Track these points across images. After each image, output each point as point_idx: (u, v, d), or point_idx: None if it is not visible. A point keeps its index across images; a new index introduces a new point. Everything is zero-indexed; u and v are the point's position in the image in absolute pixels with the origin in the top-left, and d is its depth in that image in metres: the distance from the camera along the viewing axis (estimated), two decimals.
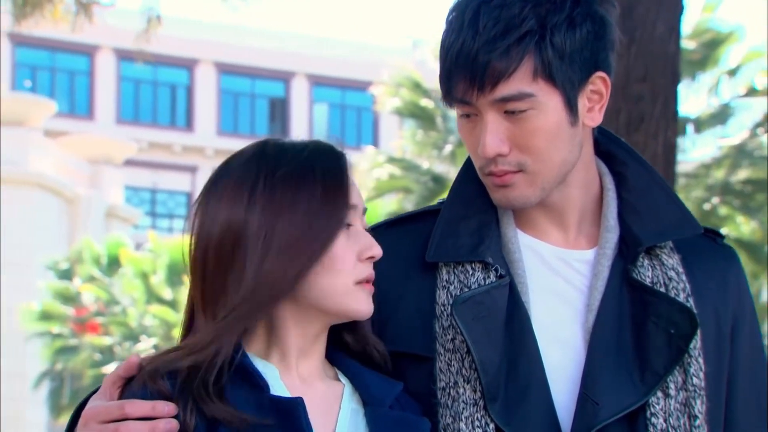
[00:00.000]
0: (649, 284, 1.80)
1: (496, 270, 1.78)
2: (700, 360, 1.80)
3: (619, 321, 1.79)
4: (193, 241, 1.67)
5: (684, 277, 1.83)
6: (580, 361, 1.78)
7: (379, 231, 1.86)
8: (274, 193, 1.64)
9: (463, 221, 1.82)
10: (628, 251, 1.82)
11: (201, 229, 1.66)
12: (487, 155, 1.74)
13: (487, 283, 1.77)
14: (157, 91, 32.79)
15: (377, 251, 1.71)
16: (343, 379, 1.74)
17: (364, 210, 1.71)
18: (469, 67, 1.71)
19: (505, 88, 1.71)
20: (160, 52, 31.61)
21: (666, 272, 1.82)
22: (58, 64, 32.15)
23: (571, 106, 1.75)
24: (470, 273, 1.78)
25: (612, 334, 1.78)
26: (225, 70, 33.18)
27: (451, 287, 1.79)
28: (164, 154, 32.74)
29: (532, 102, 1.72)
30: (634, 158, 1.88)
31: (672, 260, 1.84)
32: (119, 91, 32.27)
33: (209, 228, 1.65)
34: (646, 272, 1.81)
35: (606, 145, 1.90)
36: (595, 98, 1.78)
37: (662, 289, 1.80)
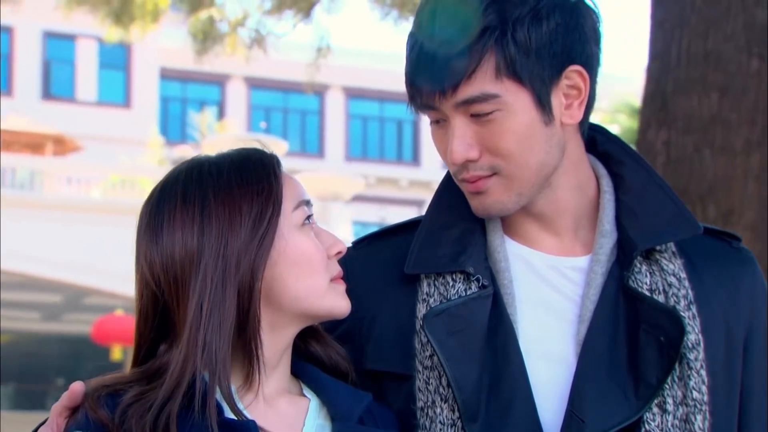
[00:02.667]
0: (646, 291, 1.67)
1: (478, 280, 1.67)
2: (703, 372, 1.65)
3: (613, 332, 1.66)
4: (144, 271, 1.61)
5: (686, 283, 1.69)
6: (571, 376, 1.65)
7: (362, 245, 1.80)
8: (224, 211, 1.58)
9: (445, 230, 1.72)
10: (624, 257, 1.69)
11: (152, 257, 1.60)
12: (455, 162, 1.64)
13: (467, 294, 1.67)
14: (384, 127, 33.20)
15: (342, 246, 1.66)
16: (309, 394, 1.66)
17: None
18: (429, 69, 1.61)
19: (468, 90, 1.60)
20: (387, 88, 32.22)
21: (666, 278, 1.68)
22: (290, 105, 33.01)
23: (543, 105, 1.62)
24: (450, 284, 1.68)
25: (605, 346, 1.65)
26: None
27: (431, 300, 1.68)
28: (391, 189, 33.04)
29: (497, 103, 1.60)
30: (631, 157, 1.75)
31: (673, 265, 1.70)
32: (347, 129, 32.86)
33: (163, 255, 1.59)
34: (643, 279, 1.68)
35: (603, 145, 1.77)
36: (573, 93, 1.65)
37: (661, 296, 1.67)
